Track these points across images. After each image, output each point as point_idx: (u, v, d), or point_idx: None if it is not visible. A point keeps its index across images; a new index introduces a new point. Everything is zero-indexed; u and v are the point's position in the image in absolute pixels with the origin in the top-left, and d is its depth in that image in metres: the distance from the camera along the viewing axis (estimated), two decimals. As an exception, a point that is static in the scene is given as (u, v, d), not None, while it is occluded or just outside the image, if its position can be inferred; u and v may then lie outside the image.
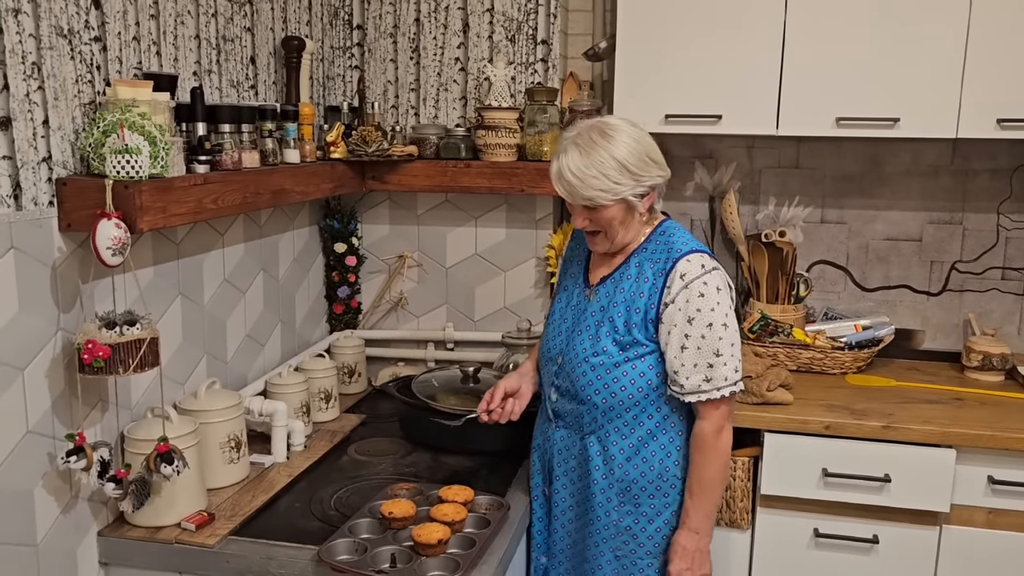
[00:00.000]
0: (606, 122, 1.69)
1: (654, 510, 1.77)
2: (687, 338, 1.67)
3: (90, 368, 1.49)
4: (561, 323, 1.85)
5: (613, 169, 1.63)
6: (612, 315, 1.74)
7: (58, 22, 1.51)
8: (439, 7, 2.55)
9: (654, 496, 1.76)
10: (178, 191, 1.61)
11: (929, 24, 2.20)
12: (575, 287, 1.86)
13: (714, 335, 1.66)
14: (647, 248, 1.75)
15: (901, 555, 2.15)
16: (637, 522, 1.77)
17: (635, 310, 1.72)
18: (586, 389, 1.75)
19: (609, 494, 1.76)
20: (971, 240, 2.62)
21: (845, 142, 2.63)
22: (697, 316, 1.66)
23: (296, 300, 2.50)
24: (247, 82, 2.16)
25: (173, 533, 1.67)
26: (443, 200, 2.65)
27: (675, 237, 1.74)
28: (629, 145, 1.65)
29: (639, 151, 1.66)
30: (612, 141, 1.64)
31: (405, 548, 1.58)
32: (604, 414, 1.75)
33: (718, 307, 1.67)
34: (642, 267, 1.73)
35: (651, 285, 1.71)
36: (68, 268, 1.56)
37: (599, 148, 1.64)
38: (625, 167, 1.64)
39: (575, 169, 1.64)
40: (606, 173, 1.63)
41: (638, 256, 1.75)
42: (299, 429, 2.10)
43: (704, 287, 1.66)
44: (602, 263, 1.82)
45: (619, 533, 1.77)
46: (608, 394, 1.73)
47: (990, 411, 2.21)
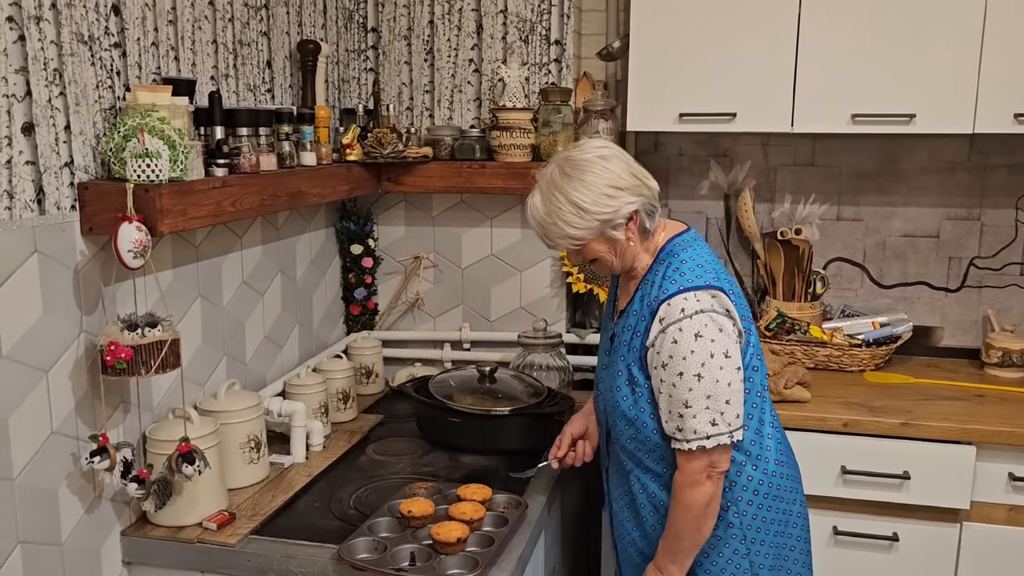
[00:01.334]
0: (571, 158, 1.60)
1: (709, 545, 1.65)
2: (661, 383, 1.57)
3: (113, 369, 1.51)
4: (603, 354, 1.79)
5: (571, 214, 1.56)
6: (623, 352, 1.66)
7: (79, 29, 1.54)
8: (453, 9, 2.57)
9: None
10: (197, 194, 1.63)
11: (944, 18, 2.19)
12: (609, 316, 1.82)
13: (684, 385, 1.53)
14: (648, 280, 1.65)
15: (921, 553, 2.14)
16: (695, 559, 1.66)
17: (634, 348, 1.64)
18: (613, 430, 1.72)
19: (660, 530, 1.66)
20: (989, 236, 2.60)
21: (861, 139, 2.62)
22: (670, 363, 1.54)
23: (313, 301, 2.52)
24: (263, 86, 2.18)
25: (195, 532, 1.68)
26: (458, 201, 2.66)
27: (671, 268, 1.61)
28: (588, 183, 1.56)
29: (598, 188, 1.56)
30: (570, 182, 1.56)
31: (424, 546, 1.59)
32: (632, 456, 1.69)
33: (691, 356, 1.52)
34: (644, 301, 1.63)
35: (645, 324, 1.61)
36: (90, 271, 1.59)
37: (557, 193, 1.57)
38: (582, 210, 1.56)
39: (539, 218, 1.61)
40: (565, 219, 1.57)
41: (642, 289, 1.65)
42: (318, 429, 2.12)
43: (679, 333, 1.53)
44: (624, 291, 1.75)
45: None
46: (630, 435, 1.67)
47: (1010, 407, 2.20)
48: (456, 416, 2.10)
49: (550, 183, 1.59)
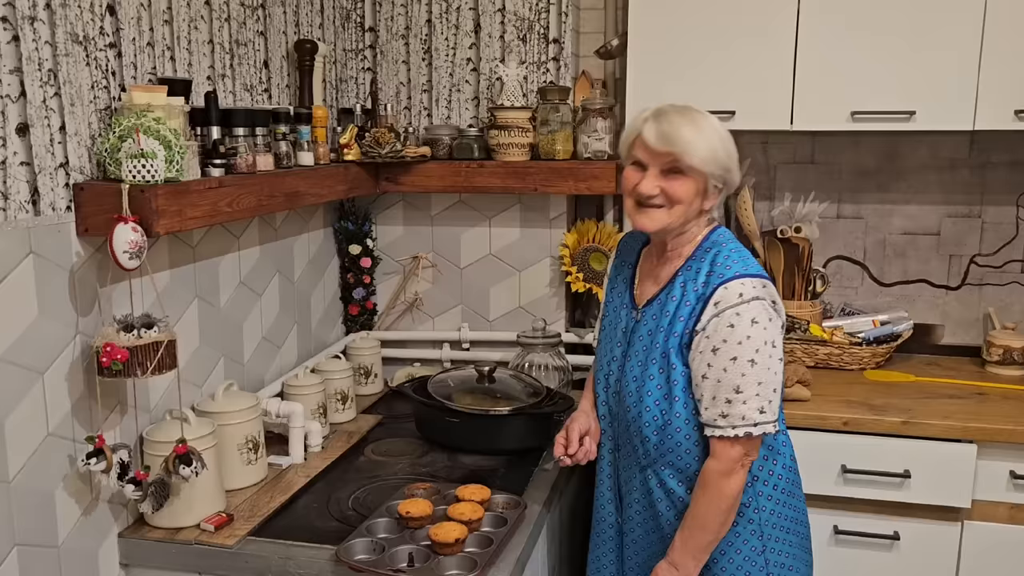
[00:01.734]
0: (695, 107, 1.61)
1: (725, 541, 1.63)
2: (709, 368, 1.54)
3: (109, 371, 1.50)
4: (614, 347, 1.74)
5: (716, 140, 1.56)
6: (658, 340, 1.62)
7: (73, 29, 1.53)
8: (450, 8, 2.56)
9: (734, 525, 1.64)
10: (194, 194, 1.62)
11: (944, 15, 2.18)
12: (622, 307, 1.75)
13: (737, 370, 1.52)
14: (691, 267, 1.63)
15: (922, 552, 2.13)
16: (716, 562, 1.65)
17: (674, 334, 1.60)
18: (637, 420, 1.65)
19: (676, 525, 1.64)
20: (990, 233, 2.59)
21: (861, 136, 2.61)
22: (723, 348, 1.52)
23: (312, 302, 2.52)
24: (260, 86, 2.17)
25: (192, 534, 1.68)
26: (457, 200, 2.66)
27: (720, 255, 1.60)
28: (723, 127, 1.59)
29: (730, 138, 1.60)
30: (709, 117, 1.59)
31: (422, 547, 1.59)
32: (656, 447, 1.64)
33: (747, 341, 1.51)
34: (686, 288, 1.61)
35: (690, 309, 1.59)
36: (86, 272, 1.58)
37: (701, 116, 1.57)
38: (724, 144, 1.57)
39: (680, 124, 1.53)
40: (711, 135, 1.55)
41: (683, 275, 1.63)
42: (316, 430, 2.11)
43: (736, 318, 1.52)
44: (649, 280, 1.72)
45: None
46: (658, 426, 1.62)
47: (1012, 405, 2.19)
48: (455, 416, 2.09)
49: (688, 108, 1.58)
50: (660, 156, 1.55)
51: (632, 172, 1.61)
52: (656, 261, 1.71)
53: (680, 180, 1.56)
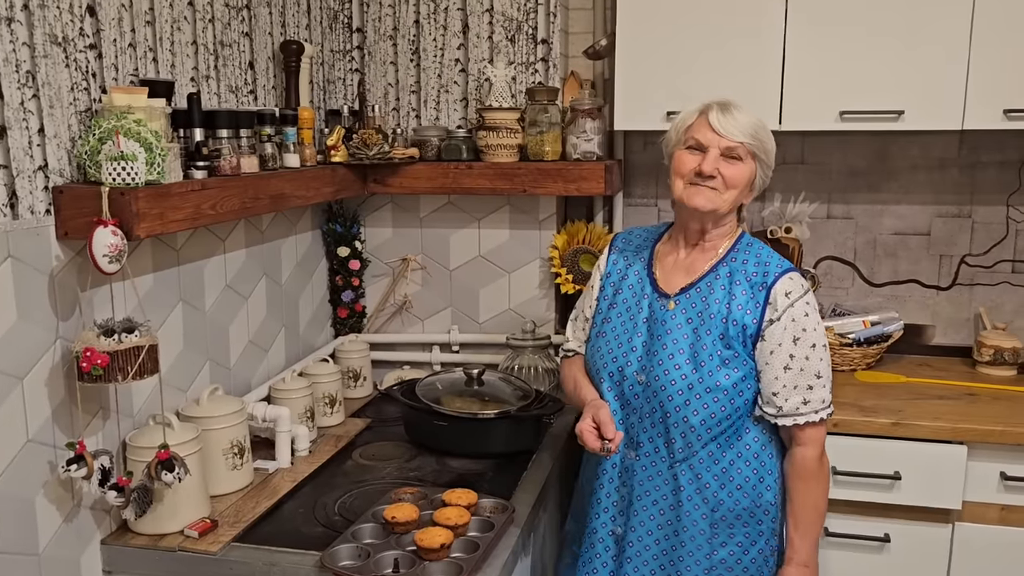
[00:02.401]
0: None
1: (749, 539, 1.68)
2: (792, 359, 1.62)
3: (89, 376, 1.48)
4: (632, 337, 1.71)
5: (769, 136, 1.67)
6: (710, 327, 1.64)
7: (52, 30, 1.51)
8: (438, 8, 2.54)
9: (748, 524, 1.68)
10: (175, 197, 1.61)
11: (933, 14, 2.17)
12: (641, 298, 1.74)
13: (816, 356, 1.63)
14: (736, 259, 1.68)
15: (913, 553, 2.13)
16: (732, 554, 1.68)
17: (732, 322, 1.63)
18: (682, 409, 1.63)
19: (702, 525, 1.66)
20: (980, 233, 2.59)
21: (850, 136, 2.60)
22: (803, 336, 1.62)
23: (300, 305, 2.50)
24: (246, 87, 2.15)
25: (176, 540, 1.66)
26: (446, 202, 2.64)
27: (764, 251, 1.70)
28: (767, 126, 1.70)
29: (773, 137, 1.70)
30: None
31: (408, 553, 1.57)
32: (699, 437, 1.64)
33: (819, 327, 1.65)
34: (734, 277, 1.66)
35: (749, 299, 1.64)
36: (66, 276, 1.56)
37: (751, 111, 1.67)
38: (772, 139, 1.68)
39: (742, 108, 1.64)
40: (765, 128, 1.66)
41: (727, 266, 1.68)
42: (303, 434, 2.09)
43: (807, 307, 1.64)
44: (678, 271, 1.73)
45: (713, 567, 1.67)
46: (707, 414, 1.63)
47: (1002, 406, 2.18)
48: (443, 420, 2.08)
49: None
50: (724, 140, 1.62)
51: (688, 155, 1.66)
52: (686, 253, 1.74)
53: (738, 165, 1.64)
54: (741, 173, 1.64)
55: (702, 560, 1.67)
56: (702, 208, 1.64)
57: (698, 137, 1.64)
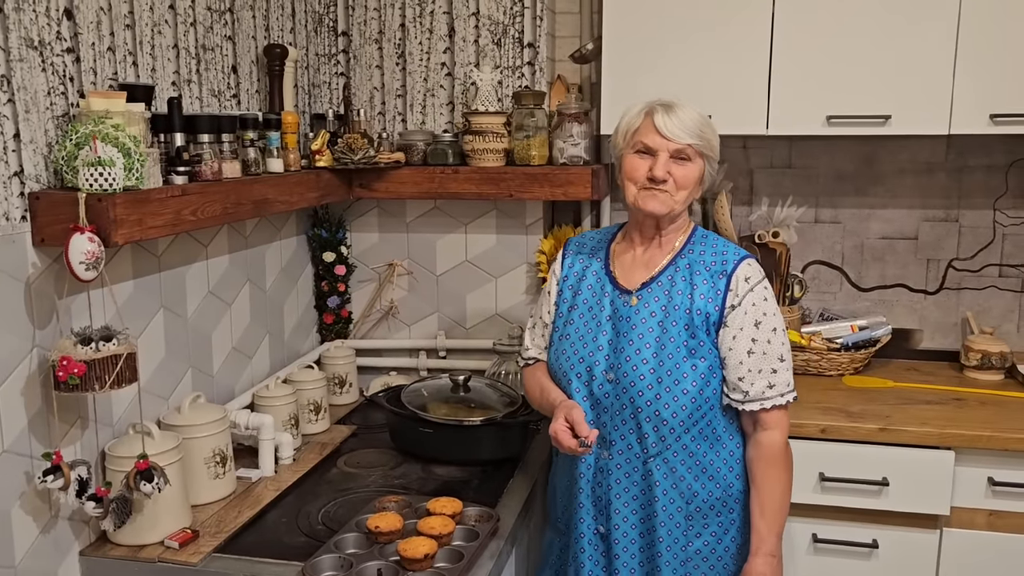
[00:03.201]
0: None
1: (722, 528, 1.70)
2: (754, 343, 1.64)
3: (65, 385, 1.46)
4: (597, 335, 1.71)
5: (712, 130, 1.67)
6: (675, 318, 1.66)
7: (28, 34, 1.49)
8: (424, 12, 2.53)
9: (720, 514, 1.70)
10: (155, 203, 1.58)
11: (919, 19, 2.16)
12: (602, 296, 1.74)
13: (778, 340, 1.66)
14: (693, 251, 1.72)
15: (901, 560, 2.12)
16: (707, 544, 1.70)
17: (696, 311, 1.65)
18: (652, 404, 1.64)
19: (678, 518, 1.67)
20: (967, 237, 2.59)
21: (838, 140, 2.60)
22: (764, 320, 1.65)
23: (284, 311, 2.47)
24: (229, 91, 2.13)
25: (156, 551, 1.63)
26: (432, 207, 2.62)
27: (719, 242, 1.74)
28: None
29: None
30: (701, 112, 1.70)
31: (391, 563, 1.55)
32: (672, 431, 1.65)
33: (777, 313, 1.68)
34: (693, 268, 1.69)
35: (711, 288, 1.66)
36: (43, 284, 1.53)
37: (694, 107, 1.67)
38: (717, 134, 1.69)
39: (686, 108, 1.65)
40: (709, 124, 1.67)
41: (686, 258, 1.71)
42: (287, 442, 2.07)
43: (765, 291, 1.67)
44: (637, 267, 1.74)
45: (689, 558, 1.69)
46: (678, 406, 1.63)
47: (990, 411, 2.18)
48: (428, 426, 2.06)
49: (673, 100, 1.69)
50: (672, 143, 1.63)
51: (639, 159, 1.67)
52: (643, 249, 1.76)
53: (688, 166, 1.65)
54: (691, 173, 1.66)
55: (679, 552, 1.69)
56: (657, 213, 1.67)
57: (646, 141, 1.65)
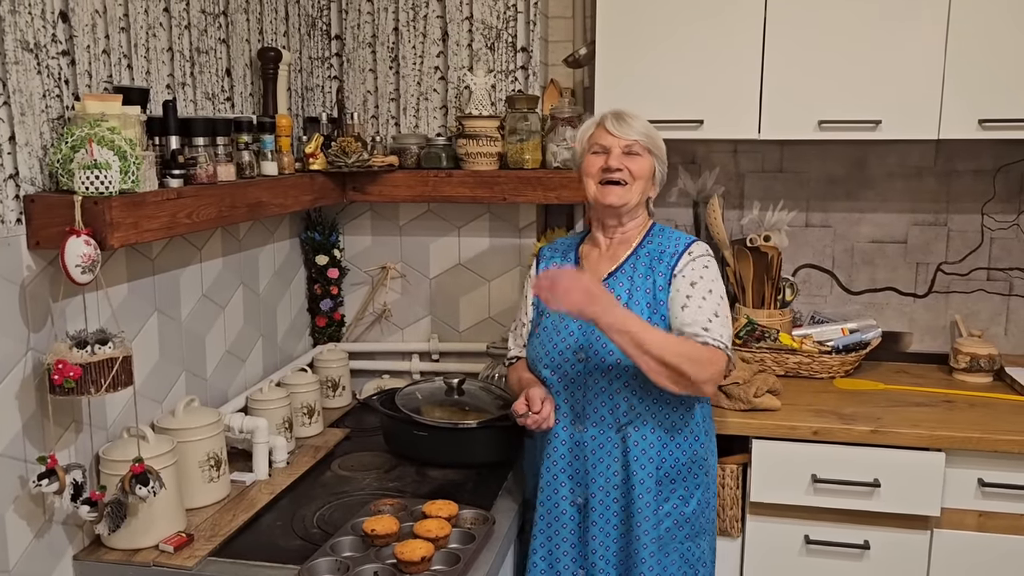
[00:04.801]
0: None
1: (688, 492, 1.82)
2: (688, 299, 1.77)
3: (61, 389, 1.45)
4: (570, 323, 1.83)
5: (655, 132, 1.86)
6: (638, 298, 1.81)
7: (24, 36, 1.49)
8: (418, 16, 2.53)
9: (687, 479, 1.82)
10: (150, 206, 1.58)
11: (909, 26, 2.19)
12: None
13: (713, 299, 1.77)
14: (652, 242, 1.88)
15: (893, 560, 2.13)
16: (676, 507, 1.81)
17: (659, 288, 1.81)
18: (622, 376, 1.78)
19: (649, 483, 1.78)
20: (956, 241, 2.61)
21: (828, 145, 2.62)
22: (700, 282, 1.79)
23: (278, 314, 2.47)
24: (223, 94, 2.13)
25: (151, 555, 1.63)
26: (425, 210, 2.63)
27: (675, 233, 1.90)
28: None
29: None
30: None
31: (388, 566, 1.55)
32: (641, 399, 1.78)
33: (718, 280, 1.81)
34: (652, 255, 1.85)
35: (667, 267, 1.83)
36: (38, 287, 1.53)
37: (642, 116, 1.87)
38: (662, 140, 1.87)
39: (632, 114, 1.84)
40: (653, 129, 1.86)
41: (646, 248, 1.87)
42: (281, 445, 2.07)
43: (709, 260, 1.83)
44: (603, 261, 1.90)
45: (660, 521, 1.80)
46: (646, 377, 1.72)
47: (979, 413, 2.20)
48: (423, 429, 2.06)
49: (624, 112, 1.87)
50: (622, 140, 1.83)
51: (595, 157, 1.86)
52: (607, 246, 1.92)
53: (638, 159, 1.84)
54: (642, 166, 1.84)
55: (651, 516, 1.78)
56: (615, 204, 1.83)
57: (600, 142, 1.84)
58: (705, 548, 1.86)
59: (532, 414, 1.81)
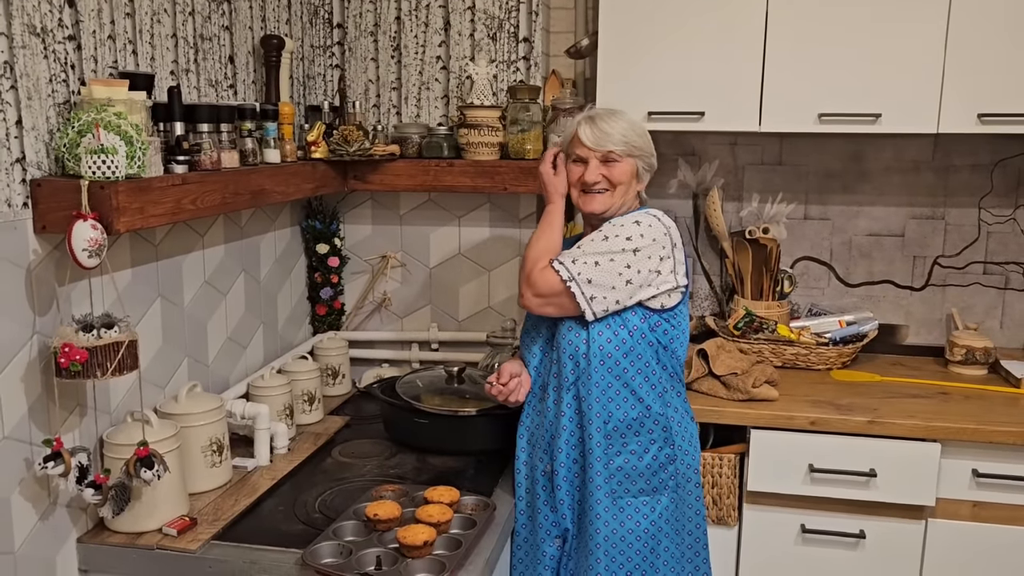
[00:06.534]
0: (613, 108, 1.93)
1: (641, 447, 1.84)
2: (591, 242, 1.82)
3: (67, 372, 1.46)
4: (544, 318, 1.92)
5: (636, 132, 1.87)
6: None
7: (31, 20, 1.49)
8: (420, 5, 2.54)
9: (639, 434, 1.84)
10: (156, 191, 1.59)
11: (909, 19, 2.20)
12: None
13: (600, 246, 1.79)
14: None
15: (888, 549, 2.16)
16: (627, 461, 1.83)
17: None
18: (574, 342, 1.84)
19: (598, 438, 1.82)
20: (953, 235, 2.63)
21: (828, 138, 2.63)
22: (606, 230, 1.82)
23: (278, 301, 2.48)
24: (226, 81, 2.13)
25: (154, 539, 1.64)
26: (426, 199, 2.64)
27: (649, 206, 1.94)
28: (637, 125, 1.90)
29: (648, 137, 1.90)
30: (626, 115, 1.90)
31: (390, 550, 1.57)
32: (585, 356, 1.82)
33: (627, 239, 1.79)
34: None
35: None
36: (44, 271, 1.54)
37: (622, 114, 1.88)
38: (644, 134, 1.88)
39: (608, 119, 1.85)
40: (633, 128, 1.86)
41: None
42: (282, 432, 2.08)
43: (625, 220, 1.83)
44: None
45: (612, 475, 1.83)
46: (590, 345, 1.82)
47: (974, 405, 2.22)
48: (423, 417, 2.07)
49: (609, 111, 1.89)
50: (597, 152, 1.85)
51: (575, 167, 1.89)
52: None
53: (617, 165, 1.85)
54: (622, 171, 1.85)
55: (602, 470, 1.83)
56: (597, 212, 1.89)
57: (578, 152, 1.88)
58: (668, 505, 1.85)
59: (497, 384, 1.93)
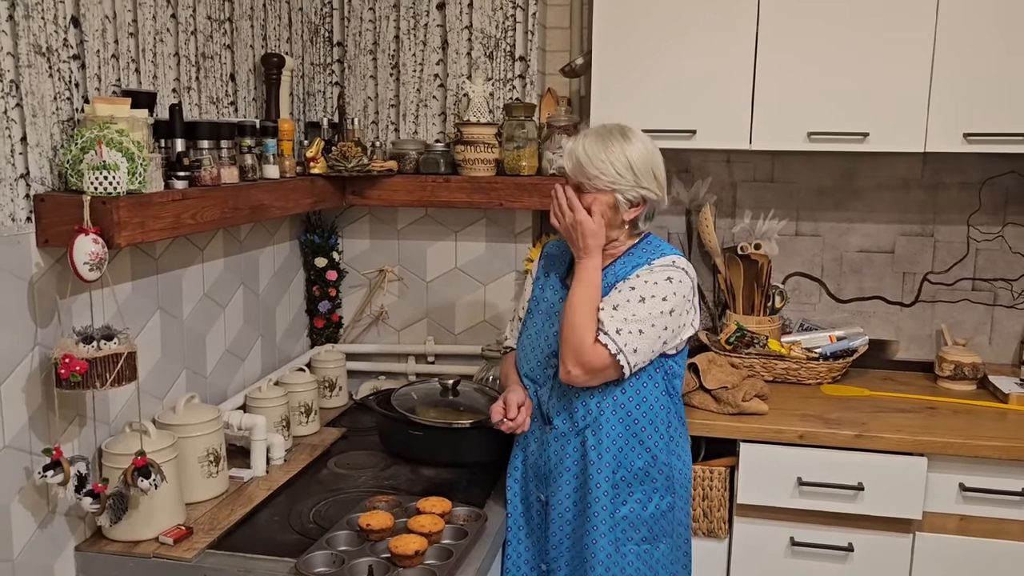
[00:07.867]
0: (629, 127, 1.84)
1: (646, 496, 1.83)
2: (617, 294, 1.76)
3: (67, 383, 1.50)
4: (549, 333, 1.88)
5: (621, 164, 1.77)
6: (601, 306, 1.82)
7: (36, 40, 1.53)
8: (418, 24, 2.59)
9: (644, 483, 1.83)
10: (156, 206, 1.63)
11: (896, 41, 2.25)
12: (555, 295, 1.91)
13: (636, 307, 1.73)
14: (634, 253, 1.85)
15: (875, 562, 2.18)
16: (632, 510, 1.82)
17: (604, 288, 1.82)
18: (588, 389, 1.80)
19: (605, 487, 1.80)
20: (942, 252, 2.67)
21: (819, 156, 2.68)
22: (640, 287, 1.76)
23: (277, 314, 2.51)
24: (227, 99, 2.18)
25: (151, 547, 1.67)
26: (423, 215, 2.68)
27: (663, 246, 1.87)
28: (641, 151, 1.79)
29: (647, 160, 1.80)
30: (629, 142, 1.79)
31: (383, 560, 1.59)
32: (598, 405, 1.80)
33: (662, 299, 1.75)
34: (627, 264, 1.83)
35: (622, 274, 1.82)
36: (46, 284, 1.57)
37: (616, 142, 1.78)
38: (631, 166, 1.77)
39: (588, 149, 1.78)
40: (613, 163, 1.76)
41: (624, 258, 1.85)
42: (279, 443, 2.11)
43: (670, 273, 1.77)
44: None
45: (617, 523, 1.81)
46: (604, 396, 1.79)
47: (961, 420, 2.25)
48: (418, 429, 2.10)
49: (608, 134, 1.79)
50: (571, 178, 1.82)
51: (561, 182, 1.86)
52: None
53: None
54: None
55: (607, 519, 1.81)
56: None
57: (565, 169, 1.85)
58: (665, 551, 1.85)
59: (507, 420, 1.86)
